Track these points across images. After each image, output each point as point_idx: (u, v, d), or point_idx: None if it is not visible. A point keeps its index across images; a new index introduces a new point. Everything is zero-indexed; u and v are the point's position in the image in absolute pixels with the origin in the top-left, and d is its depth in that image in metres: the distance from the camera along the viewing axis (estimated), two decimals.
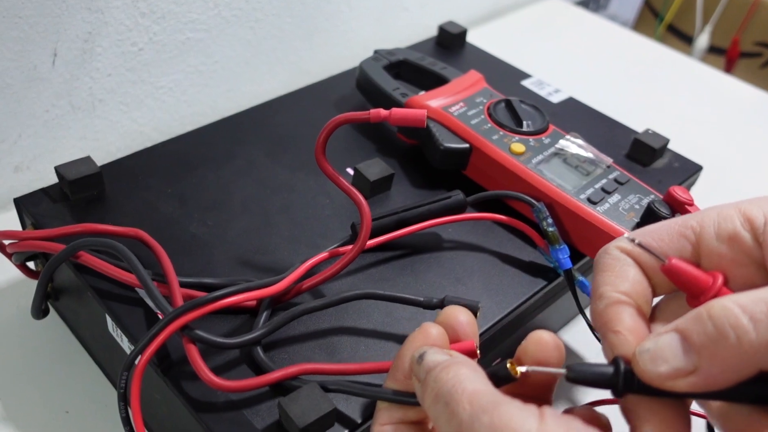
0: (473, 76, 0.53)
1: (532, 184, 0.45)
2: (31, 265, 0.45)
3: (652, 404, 0.24)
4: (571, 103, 0.59)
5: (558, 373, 0.26)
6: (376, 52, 0.57)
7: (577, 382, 0.25)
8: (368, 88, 0.54)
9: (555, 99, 0.59)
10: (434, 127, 0.48)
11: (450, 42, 0.64)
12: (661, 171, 0.52)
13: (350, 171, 0.48)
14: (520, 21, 0.91)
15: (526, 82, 0.61)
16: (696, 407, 0.26)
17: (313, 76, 0.69)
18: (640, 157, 0.52)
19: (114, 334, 0.39)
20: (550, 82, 0.61)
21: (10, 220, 0.46)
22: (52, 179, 0.44)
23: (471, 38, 0.67)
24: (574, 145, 0.48)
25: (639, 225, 0.42)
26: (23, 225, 0.45)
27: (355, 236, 0.40)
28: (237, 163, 0.48)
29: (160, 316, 0.36)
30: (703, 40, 1.24)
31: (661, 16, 1.30)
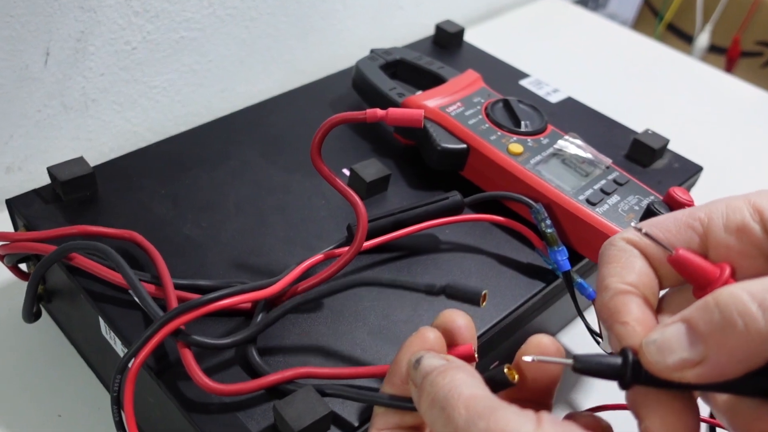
0: (471, 75, 0.53)
1: (531, 185, 0.44)
2: (24, 267, 0.45)
3: (660, 396, 0.24)
4: (570, 103, 0.59)
5: (565, 364, 0.25)
6: (372, 51, 0.56)
7: (584, 372, 0.24)
8: (364, 88, 0.53)
9: (553, 99, 0.59)
10: (431, 128, 0.48)
11: (447, 41, 0.64)
12: (661, 172, 0.52)
13: (346, 172, 0.48)
14: (518, 20, 0.91)
15: (524, 82, 0.60)
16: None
17: (309, 75, 0.69)
18: (639, 158, 0.52)
19: (107, 337, 0.38)
20: (549, 82, 0.61)
21: (2, 222, 0.46)
22: (45, 180, 0.44)
23: (468, 37, 0.67)
24: (572, 146, 0.47)
25: None
26: (15, 226, 0.44)
27: (352, 238, 0.40)
28: (231, 163, 0.48)
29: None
30: (703, 40, 1.24)
31: (661, 15, 1.30)
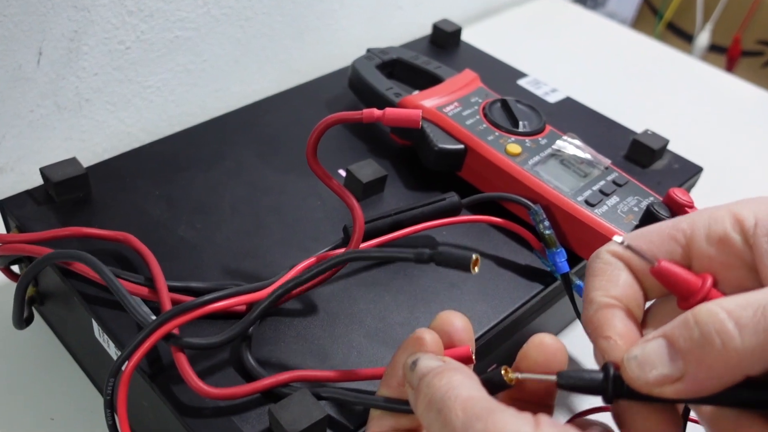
0: (468, 75, 0.52)
1: (529, 186, 0.44)
2: (16, 268, 0.45)
3: (643, 409, 0.25)
4: (569, 103, 0.58)
5: (549, 381, 0.26)
6: (368, 50, 0.56)
7: (568, 388, 0.25)
8: (361, 88, 0.53)
9: (552, 99, 0.58)
10: (428, 128, 0.47)
11: (444, 40, 0.64)
12: (661, 172, 0.51)
13: (342, 172, 0.48)
14: (516, 19, 0.90)
15: (522, 82, 0.60)
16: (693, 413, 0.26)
17: (304, 75, 0.69)
18: (639, 159, 0.52)
19: (100, 340, 0.38)
20: (547, 82, 0.61)
21: None
22: (37, 181, 0.44)
23: (466, 37, 0.67)
24: (571, 146, 0.47)
25: (638, 228, 0.42)
26: (7, 228, 0.44)
27: (348, 239, 0.40)
28: (226, 164, 0.48)
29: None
30: (703, 39, 1.24)
31: (661, 14, 1.30)
